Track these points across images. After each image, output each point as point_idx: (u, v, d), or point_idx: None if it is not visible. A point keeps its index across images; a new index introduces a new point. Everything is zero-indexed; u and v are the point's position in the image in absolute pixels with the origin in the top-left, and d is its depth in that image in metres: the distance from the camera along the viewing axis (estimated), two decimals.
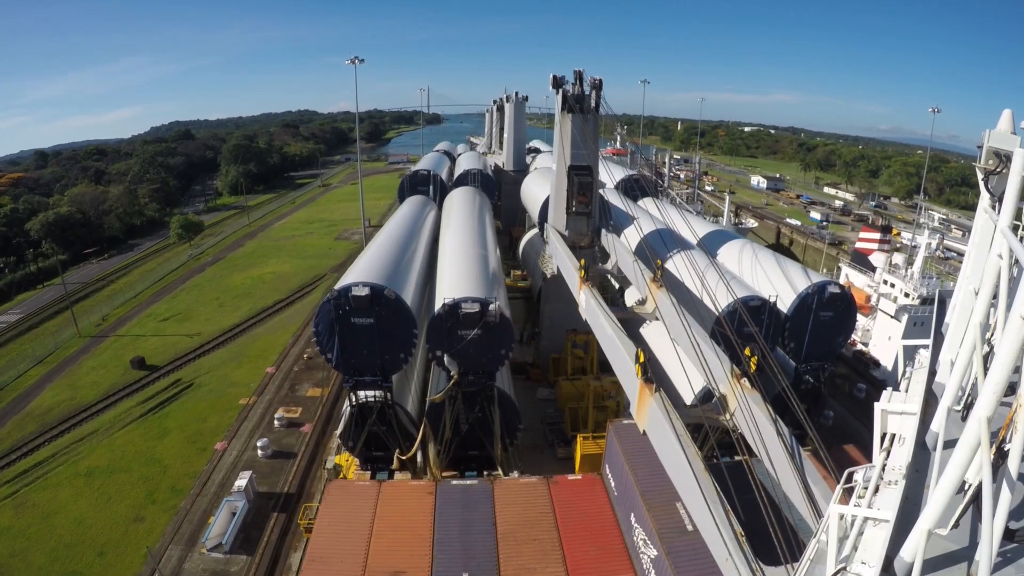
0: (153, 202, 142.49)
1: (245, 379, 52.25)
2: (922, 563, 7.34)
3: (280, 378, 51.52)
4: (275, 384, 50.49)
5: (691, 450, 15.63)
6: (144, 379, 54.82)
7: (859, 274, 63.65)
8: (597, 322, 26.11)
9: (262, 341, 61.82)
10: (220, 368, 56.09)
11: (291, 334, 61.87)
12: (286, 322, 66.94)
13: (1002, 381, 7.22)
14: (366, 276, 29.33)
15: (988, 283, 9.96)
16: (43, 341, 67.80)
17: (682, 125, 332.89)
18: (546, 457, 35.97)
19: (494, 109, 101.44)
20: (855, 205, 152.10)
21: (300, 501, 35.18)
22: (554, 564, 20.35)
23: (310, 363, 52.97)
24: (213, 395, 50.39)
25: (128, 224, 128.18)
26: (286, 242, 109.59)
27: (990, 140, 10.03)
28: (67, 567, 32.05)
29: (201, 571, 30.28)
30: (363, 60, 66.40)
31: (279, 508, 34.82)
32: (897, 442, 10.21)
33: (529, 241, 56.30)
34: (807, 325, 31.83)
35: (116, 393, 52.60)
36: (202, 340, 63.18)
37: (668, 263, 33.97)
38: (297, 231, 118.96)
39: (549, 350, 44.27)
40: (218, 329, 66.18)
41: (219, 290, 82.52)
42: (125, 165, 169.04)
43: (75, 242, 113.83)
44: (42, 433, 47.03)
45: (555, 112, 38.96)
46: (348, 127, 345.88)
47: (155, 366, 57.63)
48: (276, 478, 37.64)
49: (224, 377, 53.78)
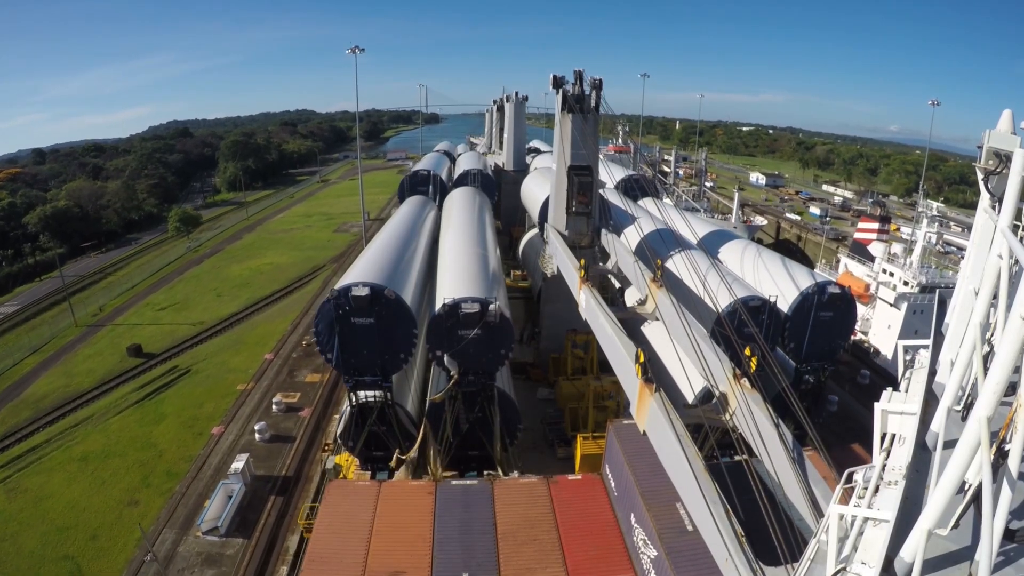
0: (151, 197, 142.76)
1: (243, 365, 52.26)
2: (922, 563, 7.35)
3: (279, 364, 51.49)
4: (273, 370, 50.40)
5: (691, 450, 15.63)
6: (141, 366, 54.89)
7: (858, 264, 63.64)
8: (597, 322, 26.10)
9: (261, 329, 61.89)
10: (218, 355, 56.16)
11: (290, 322, 61.99)
12: (285, 311, 67.05)
13: (1002, 381, 7.23)
14: (366, 276, 29.33)
15: (988, 283, 9.97)
16: (40, 331, 67.92)
17: (680, 124, 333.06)
18: (546, 457, 35.96)
19: (494, 109, 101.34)
20: (854, 201, 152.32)
21: (298, 484, 35.01)
22: (554, 564, 20.34)
23: (308, 350, 52.78)
24: (210, 381, 50.36)
25: (126, 219, 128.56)
26: (284, 235, 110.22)
27: (990, 140, 10.04)
28: (59, 551, 31.98)
29: (196, 554, 30.04)
30: (363, 50, 65.86)
31: (276, 491, 34.51)
32: (897, 442, 10.23)
33: (529, 241, 56.26)
34: (807, 325, 31.84)
35: (112, 380, 52.67)
36: (200, 328, 63.24)
37: (668, 263, 33.96)
38: (296, 224, 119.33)
39: (549, 350, 44.25)
40: (216, 318, 66.25)
41: (217, 280, 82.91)
42: (123, 161, 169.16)
43: (72, 236, 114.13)
44: (36, 419, 47.04)
45: (555, 112, 38.95)
46: (347, 126, 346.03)
47: (152, 353, 57.63)
48: (274, 462, 37.36)
49: (222, 364, 53.82)
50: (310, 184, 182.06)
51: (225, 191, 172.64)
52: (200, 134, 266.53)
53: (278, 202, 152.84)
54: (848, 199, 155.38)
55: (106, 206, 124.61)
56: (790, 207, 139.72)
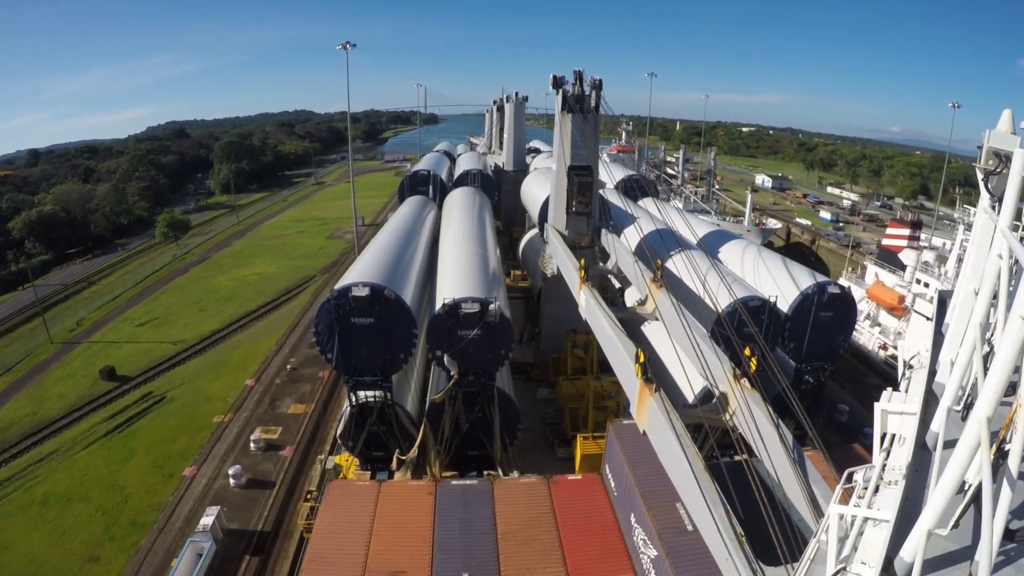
0: (142, 200, 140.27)
1: (222, 392, 49.35)
2: (922, 563, 7.35)
3: (260, 392, 48.36)
4: (254, 399, 47.17)
5: (691, 450, 15.63)
6: (113, 391, 51.77)
7: (889, 273, 59.79)
8: (597, 322, 26.11)
9: (243, 348, 58.96)
10: (195, 379, 53.51)
11: (275, 341, 58.93)
12: (271, 328, 64.16)
13: (1002, 381, 7.23)
14: (366, 276, 29.33)
15: (988, 283, 9.98)
16: (16, 347, 65.26)
17: (680, 125, 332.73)
18: (546, 457, 35.95)
19: (494, 109, 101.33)
20: (862, 205, 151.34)
21: (276, 541, 31.93)
22: (554, 564, 20.34)
23: (294, 375, 50.22)
24: (185, 411, 47.60)
25: (115, 223, 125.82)
26: (276, 241, 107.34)
27: (990, 140, 10.05)
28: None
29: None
30: (355, 45, 65.36)
31: (251, 550, 31.24)
32: (897, 442, 10.23)
33: (529, 241, 56.27)
34: (807, 325, 31.86)
35: (82, 407, 49.55)
36: (179, 348, 60.31)
37: (668, 263, 33.96)
38: (287, 230, 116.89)
39: (549, 350, 44.25)
40: (196, 336, 63.19)
41: (202, 292, 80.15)
42: (115, 163, 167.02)
43: (59, 241, 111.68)
44: (1, 451, 44.14)
45: (555, 112, 38.97)
46: (344, 126, 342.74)
47: (126, 376, 54.56)
48: (249, 513, 34.17)
49: (199, 390, 51.07)
50: (305, 186, 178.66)
51: (219, 193, 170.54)
52: (197, 135, 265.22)
53: (271, 206, 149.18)
54: (856, 202, 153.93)
55: (95, 210, 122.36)
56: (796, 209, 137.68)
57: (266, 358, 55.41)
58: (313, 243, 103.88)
